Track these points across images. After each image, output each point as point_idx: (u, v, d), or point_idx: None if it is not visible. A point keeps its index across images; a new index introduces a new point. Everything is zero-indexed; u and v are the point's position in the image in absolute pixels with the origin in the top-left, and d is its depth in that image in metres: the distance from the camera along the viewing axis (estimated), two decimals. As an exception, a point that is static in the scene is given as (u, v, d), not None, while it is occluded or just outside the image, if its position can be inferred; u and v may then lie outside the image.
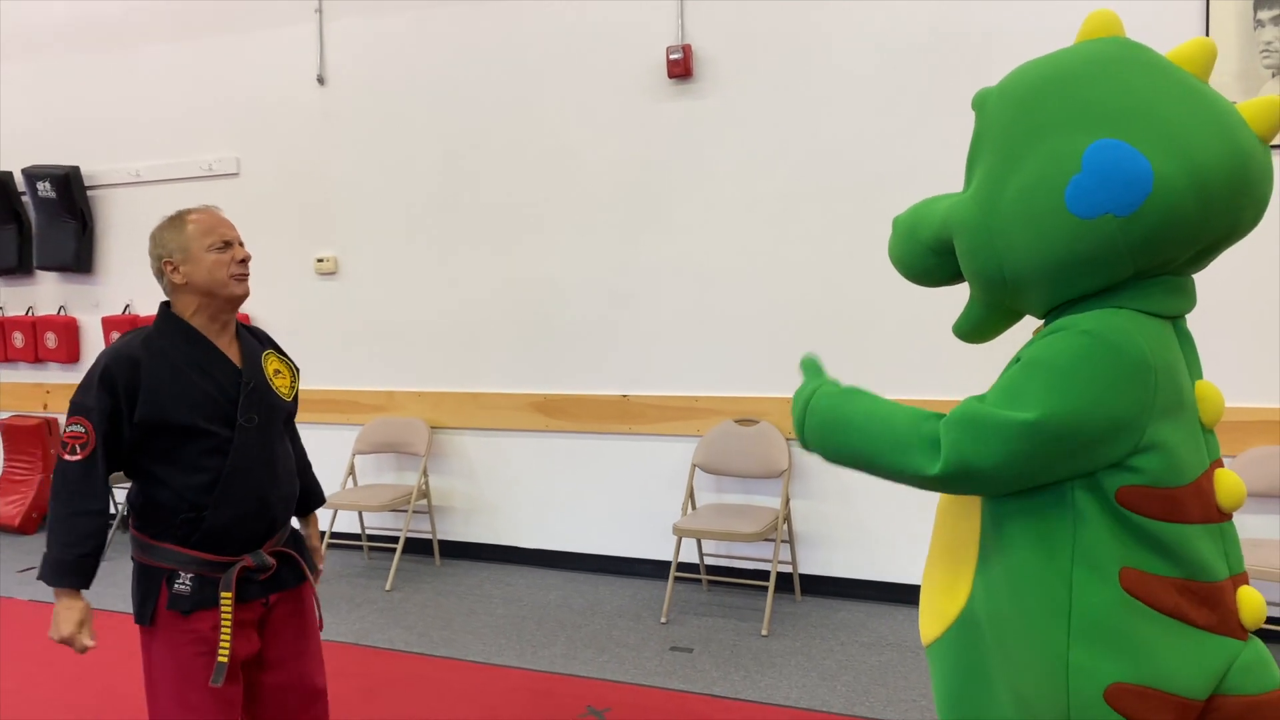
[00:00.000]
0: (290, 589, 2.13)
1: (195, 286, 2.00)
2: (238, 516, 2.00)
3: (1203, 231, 1.28)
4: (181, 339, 2.00)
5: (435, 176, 4.72)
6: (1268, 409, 3.44)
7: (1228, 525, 1.36)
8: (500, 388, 4.67)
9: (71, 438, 1.89)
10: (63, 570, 1.86)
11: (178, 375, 1.96)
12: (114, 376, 1.91)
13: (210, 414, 1.97)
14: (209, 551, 1.98)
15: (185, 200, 5.24)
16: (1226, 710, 1.29)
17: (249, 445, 2.01)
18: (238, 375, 2.04)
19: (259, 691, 2.11)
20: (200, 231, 2.01)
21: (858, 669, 3.39)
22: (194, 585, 1.96)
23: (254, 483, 2.02)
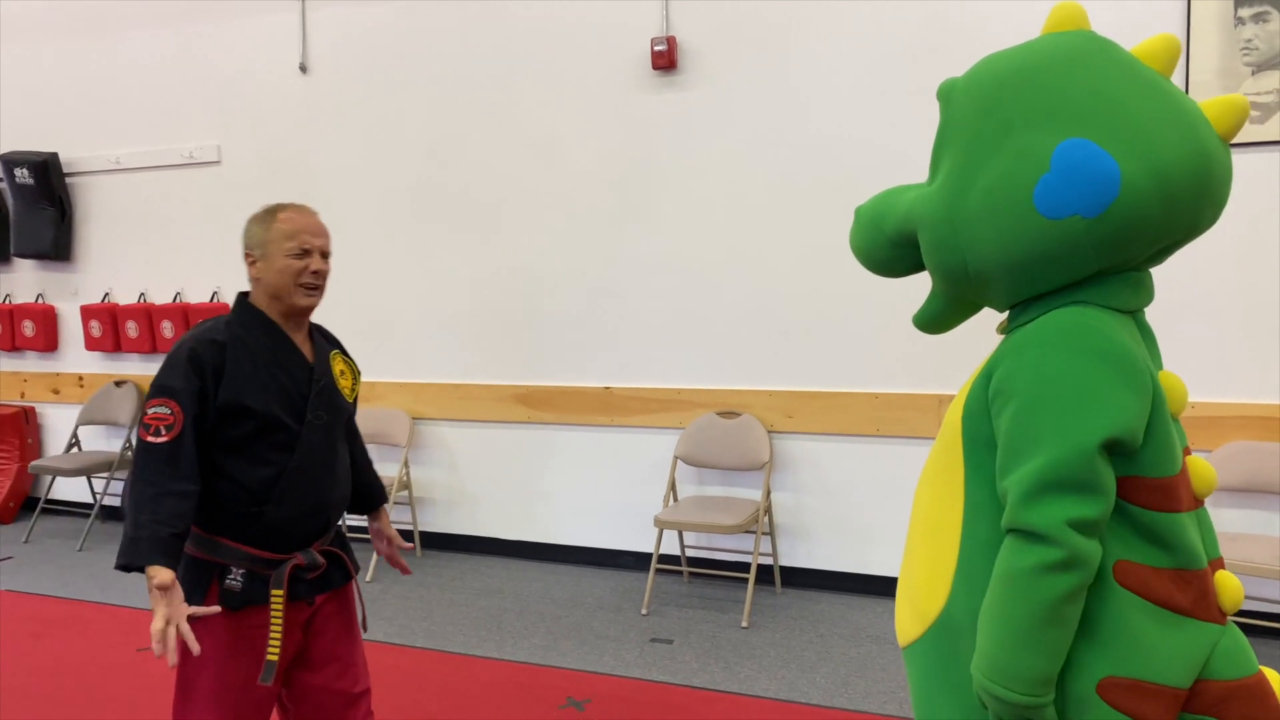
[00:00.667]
0: (336, 589, 2.10)
1: (265, 285, 1.99)
2: (296, 514, 1.98)
3: (1165, 231, 1.29)
4: (260, 330, 1.99)
5: (418, 167, 4.70)
6: (1244, 404, 3.48)
7: (1203, 511, 1.38)
8: (482, 379, 4.66)
9: (155, 419, 1.85)
10: (156, 548, 1.76)
11: (257, 364, 1.95)
12: (201, 358, 1.89)
13: (284, 406, 1.96)
14: (263, 548, 1.96)
15: (165, 188, 5.23)
16: (1207, 695, 1.30)
17: (315, 443, 2.00)
18: (310, 372, 2.03)
19: (303, 691, 2.08)
20: (284, 233, 1.98)
21: (837, 661, 3.41)
22: (245, 581, 1.94)
23: (315, 481, 2.01)
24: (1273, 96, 3.33)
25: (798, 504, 4.16)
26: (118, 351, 5.42)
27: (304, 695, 2.08)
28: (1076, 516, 1.21)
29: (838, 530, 4.11)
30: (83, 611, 4.03)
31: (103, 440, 5.54)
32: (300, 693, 2.08)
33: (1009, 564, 1.25)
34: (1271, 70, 3.32)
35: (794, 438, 4.12)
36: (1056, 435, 1.22)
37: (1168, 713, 1.28)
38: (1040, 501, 1.22)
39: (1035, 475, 1.23)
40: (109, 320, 5.34)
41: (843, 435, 4.04)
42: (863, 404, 3.98)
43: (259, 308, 2.01)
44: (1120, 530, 1.28)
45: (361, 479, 2.31)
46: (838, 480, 4.08)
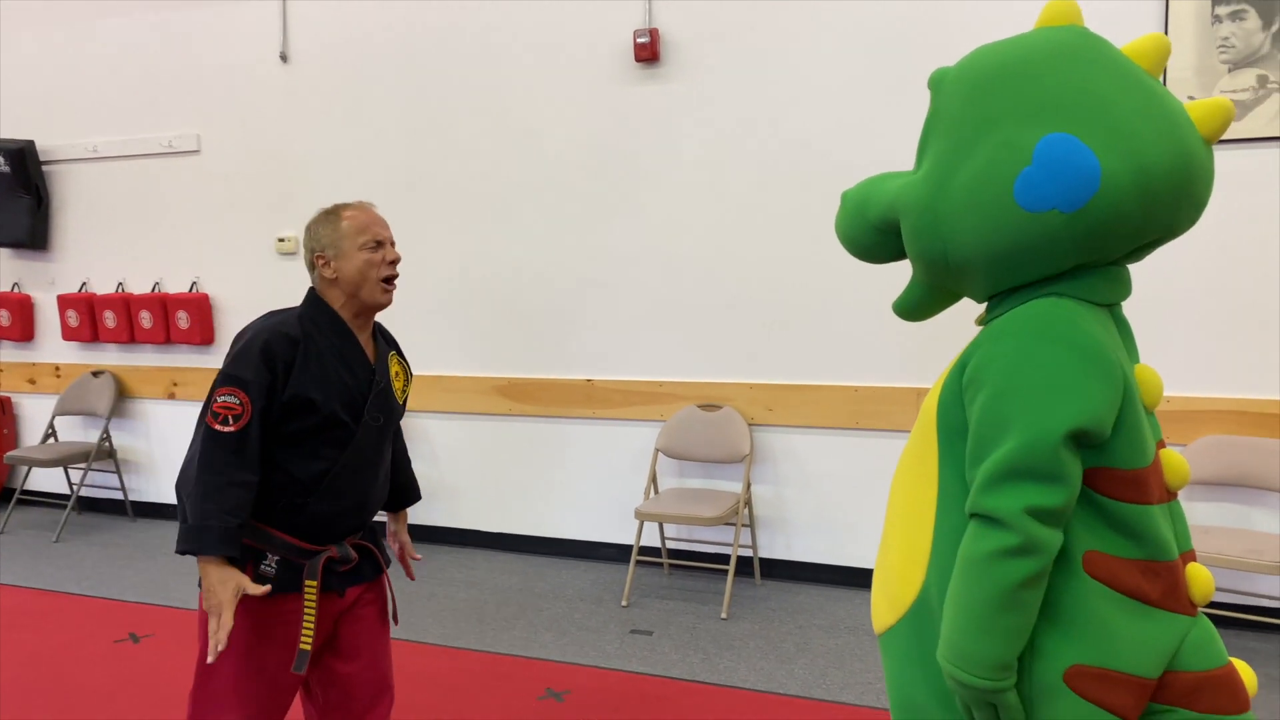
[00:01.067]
0: (368, 582, 2.14)
1: (344, 283, 2.01)
2: (339, 510, 2.01)
3: (1144, 230, 1.30)
4: (329, 328, 2.01)
5: (399, 157, 4.68)
6: (1217, 399, 3.51)
7: (1175, 504, 1.40)
8: (464, 371, 4.65)
9: (224, 408, 1.87)
10: (224, 538, 1.82)
11: (324, 362, 1.97)
12: (275, 352, 1.92)
13: (345, 405, 1.99)
14: (301, 538, 1.99)
15: (144, 177, 5.18)
16: (1176, 686, 1.32)
17: (367, 443, 2.04)
18: (371, 373, 2.06)
19: (333, 678, 2.11)
20: (354, 229, 2.01)
21: (815, 652, 3.43)
22: (279, 569, 1.96)
23: (361, 480, 2.04)
24: (1249, 94, 3.36)
25: (778, 496, 4.18)
26: (95, 341, 5.38)
27: (334, 682, 2.11)
28: (1036, 504, 1.22)
29: (817, 522, 4.13)
30: (59, 603, 4.00)
31: (79, 431, 5.50)
32: (330, 679, 2.11)
33: (968, 549, 1.27)
34: (1248, 68, 3.35)
35: (774, 430, 4.14)
36: (1024, 423, 1.24)
37: (1135, 702, 1.30)
38: (1002, 488, 1.24)
39: (1000, 462, 1.25)
40: (86, 310, 5.30)
41: (822, 428, 4.06)
42: (842, 397, 4.00)
43: (330, 306, 2.04)
44: (1090, 520, 1.30)
45: (400, 478, 2.35)
46: (817, 473, 4.10)
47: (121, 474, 5.38)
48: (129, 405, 5.39)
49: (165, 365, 5.29)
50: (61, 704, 3.07)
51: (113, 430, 5.36)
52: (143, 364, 5.33)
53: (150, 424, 5.36)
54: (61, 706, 3.05)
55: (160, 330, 5.15)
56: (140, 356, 5.35)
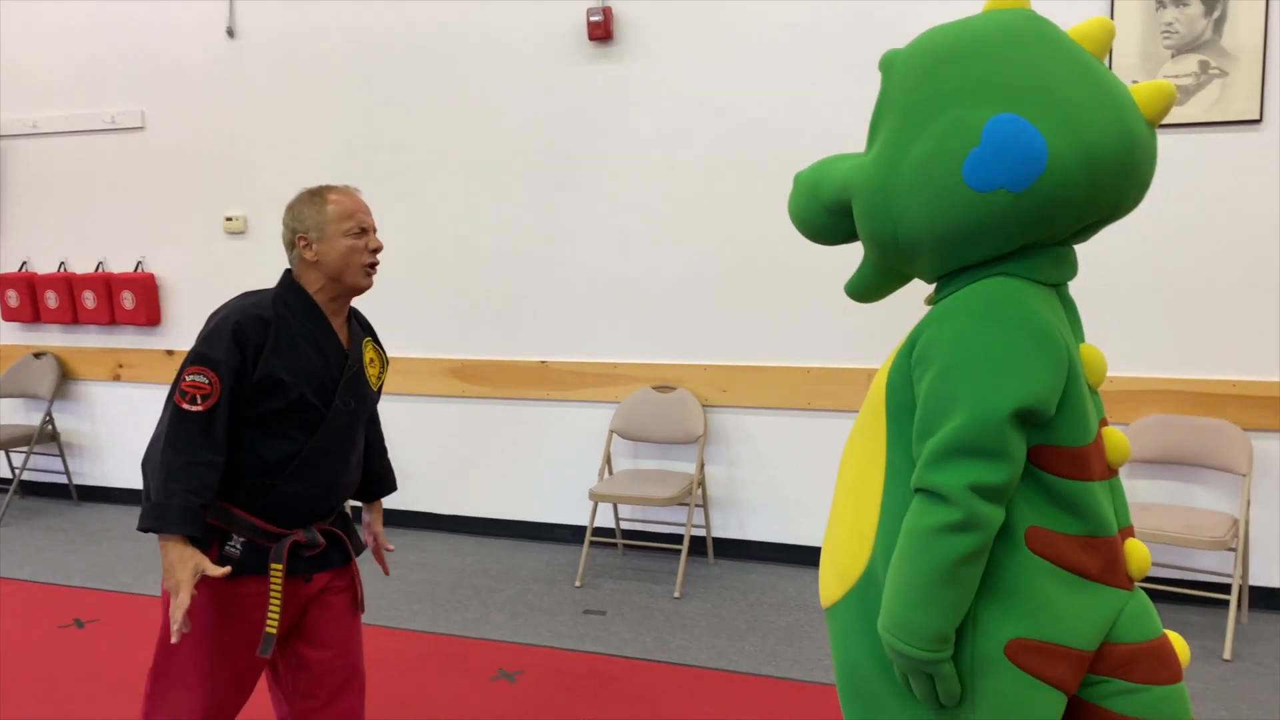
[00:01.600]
0: (336, 568, 2.12)
1: (325, 267, 2.00)
2: (307, 493, 2.00)
3: (1089, 209, 1.32)
4: (302, 311, 2.00)
5: (349, 135, 4.61)
6: (1157, 379, 3.59)
7: (1116, 480, 1.43)
8: (416, 352, 4.61)
9: (193, 387, 1.86)
10: (187, 517, 1.80)
11: (296, 344, 1.96)
12: (246, 333, 1.90)
13: (315, 389, 1.98)
14: (268, 520, 1.97)
15: (86, 154, 5.06)
16: (1113, 658, 1.35)
17: (338, 428, 2.03)
18: (344, 357, 2.05)
19: (303, 665, 2.10)
20: (340, 213, 2.00)
21: (766, 630, 3.46)
22: (244, 550, 1.95)
23: (330, 464, 2.03)
24: (1191, 79, 3.42)
25: (730, 477, 4.20)
26: (36, 322, 5.26)
27: (304, 667, 2.10)
28: (980, 481, 1.24)
29: (769, 502, 4.16)
30: (2, 588, 3.92)
31: (21, 414, 5.38)
32: (300, 664, 2.10)
33: (912, 523, 1.29)
34: (1190, 53, 3.41)
35: (727, 411, 4.16)
36: (970, 401, 1.26)
37: (1073, 674, 1.33)
38: (947, 464, 1.26)
39: (946, 439, 1.26)
40: (27, 290, 5.17)
41: (775, 409, 4.09)
42: (795, 378, 4.03)
43: (305, 289, 2.02)
44: (1033, 497, 1.32)
45: (374, 466, 2.33)
46: (769, 453, 4.13)
47: (65, 457, 5.27)
48: (72, 387, 5.27)
49: (110, 346, 5.18)
50: (5, 690, 3.01)
51: (55, 413, 5.25)
52: (86, 345, 5.22)
53: (94, 406, 5.25)
54: (5, 692, 2.99)
55: (104, 311, 5.04)
56: (84, 337, 5.24)
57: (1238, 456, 3.42)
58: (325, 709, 2.12)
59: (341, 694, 2.13)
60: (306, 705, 2.12)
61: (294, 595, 2.04)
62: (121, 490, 5.24)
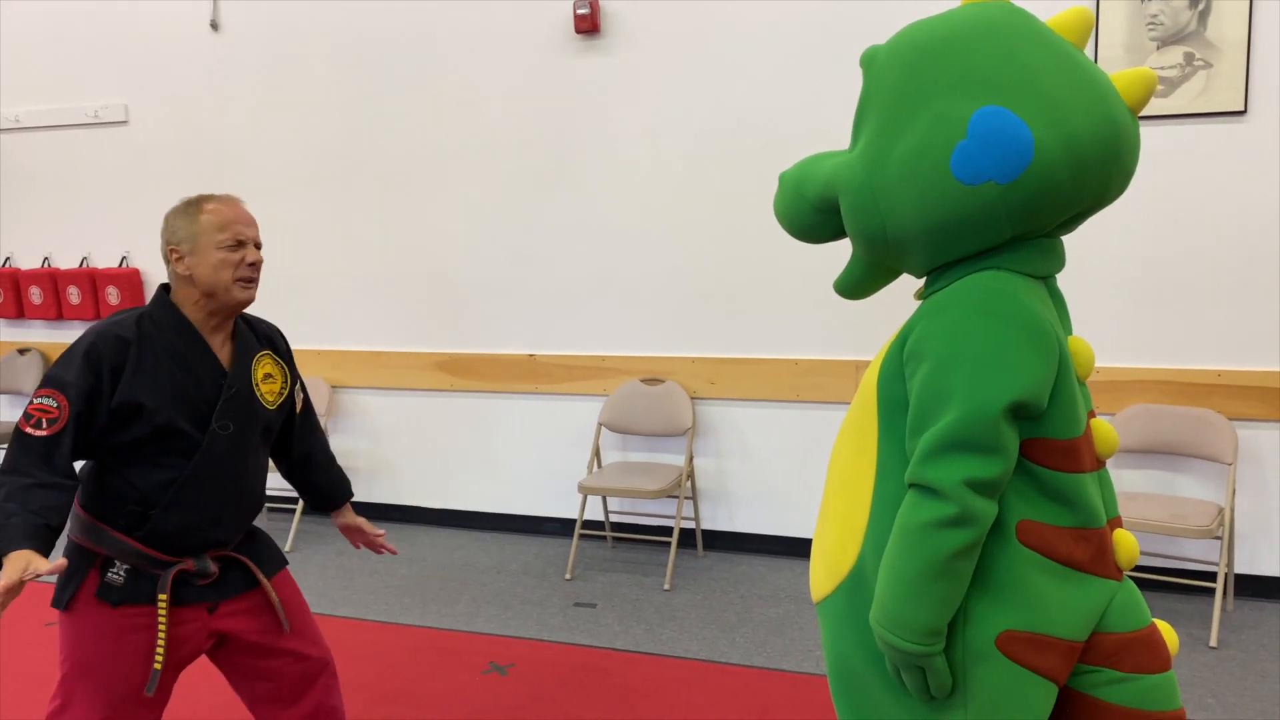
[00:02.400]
0: (243, 592, 2.00)
1: (197, 282, 1.88)
2: (188, 524, 1.89)
3: (1075, 199, 1.33)
4: (172, 329, 1.88)
5: (334, 128, 4.59)
6: (1144, 369, 3.61)
7: (1104, 472, 1.44)
8: (403, 346, 4.60)
9: (39, 410, 1.74)
10: (29, 533, 1.63)
11: (159, 366, 1.84)
12: (100, 354, 1.79)
13: (186, 413, 1.86)
14: (151, 547, 1.87)
15: (69, 148, 5.02)
16: (1102, 648, 1.36)
17: (217, 453, 1.90)
18: (222, 377, 1.92)
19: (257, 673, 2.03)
20: (214, 225, 1.88)
21: (756, 621, 3.48)
22: (128, 577, 1.85)
23: (213, 492, 1.91)
24: (1176, 71, 3.43)
25: (719, 469, 4.21)
26: (20, 318, 5.22)
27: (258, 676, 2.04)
28: (974, 476, 1.25)
29: (758, 494, 4.17)
30: None
31: (6, 410, 5.34)
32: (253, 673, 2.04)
33: (906, 517, 1.29)
34: (1175, 45, 3.43)
35: (716, 404, 4.17)
36: (964, 396, 1.26)
37: (1064, 664, 1.34)
38: (941, 459, 1.26)
39: (940, 434, 1.27)
40: (10, 286, 5.12)
41: (763, 401, 4.09)
42: (782, 370, 4.03)
43: (177, 305, 1.91)
44: (1025, 489, 1.33)
45: (321, 478, 2.24)
46: (758, 445, 4.14)
47: (51, 454, 5.23)
48: (57, 383, 5.23)
49: (95, 342, 5.14)
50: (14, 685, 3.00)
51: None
52: (71, 341, 5.17)
53: (80, 403, 5.21)
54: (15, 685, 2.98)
55: (89, 306, 5.00)
56: (68, 333, 5.20)
57: (1223, 446, 3.44)
58: (291, 709, 2.06)
59: (306, 692, 2.07)
60: (272, 711, 2.07)
61: (198, 625, 1.94)
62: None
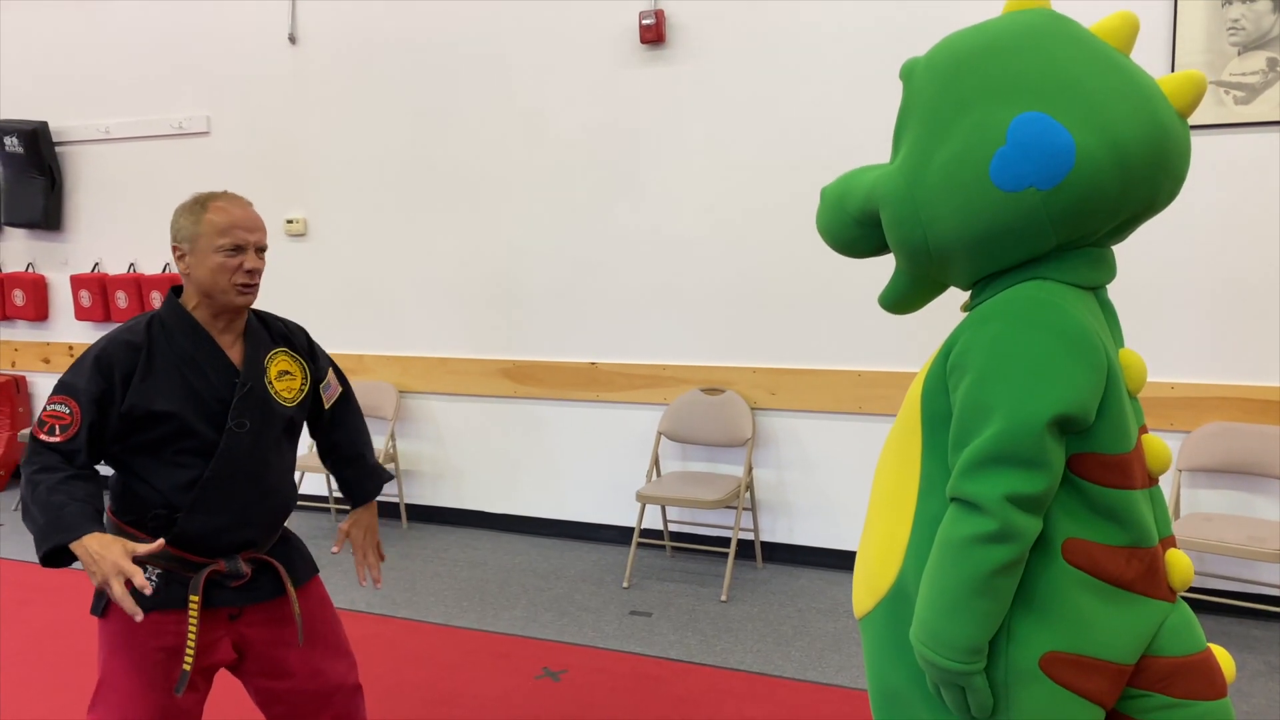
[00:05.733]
0: (267, 600, 1.99)
1: (195, 282, 1.88)
2: (214, 526, 1.88)
3: (1122, 205, 1.29)
4: (181, 330, 1.88)
5: (406, 139, 4.69)
6: (1220, 385, 3.48)
7: (1156, 489, 1.40)
8: (469, 353, 4.67)
9: (52, 417, 1.75)
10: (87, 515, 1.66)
11: (169, 368, 1.85)
12: (111, 360, 1.80)
13: (200, 414, 1.86)
14: (182, 549, 1.87)
15: (155, 158, 5.22)
16: (1153, 671, 1.32)
17: (237, 452, 1.89)
18: (234, 376, 1.91)
19: (273, 697, 2.02)
20: (215, 228, 1.85)
21: (813, 635, 3.44)
22: (160, 582, 1.86)
23: (236, 492, 1.90)
24: (1258, 77, 3.32)
25: (780, 480, 4.18)
26: (107, 321, 5.43)
27: (274, 698, 2.02)
28: (1016, 491, 1.22)
29: (819, 506, 4.13)
30: (69, 578, 4.06)
31: (93, 410, 5.55)
32: (270, 696, 2.02)
33: (946, 532, 1.27)
34: (1258, 50, 3.31)
35: (777, 414, 4.14)
36: (1007, 409, 1.24)
37: (1111, 687, 1.30)
38: (983, 473, 1.24)
39: (982, 447, 1.24)
40: (99, 290, 5.34)
41: (825, 412, 4.05)
42: (845, 381, 3.99)
43: (185, 306, 1.91)
44: (1072, 506, 1.29)
45: (348, 472, 2.21)
46: (820, 457, 4.10)
47: (133, 453, 5.43)
48: (140, 385, 5.42)
49: (176, 345, 5.32)
50: (68, 678, 3.11)
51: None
52: (154, 344, 5.37)
53: (161, 403, 5.40)
54: (67, 680, 3.10)
55: (170, 311, 5.18)
56: (151, 336, 5.38)
57: (1305, 466, 3.31)
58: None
59: (324, 709, 2.05)
60: None
61: (222, 630, 1.94)
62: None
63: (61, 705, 2.93)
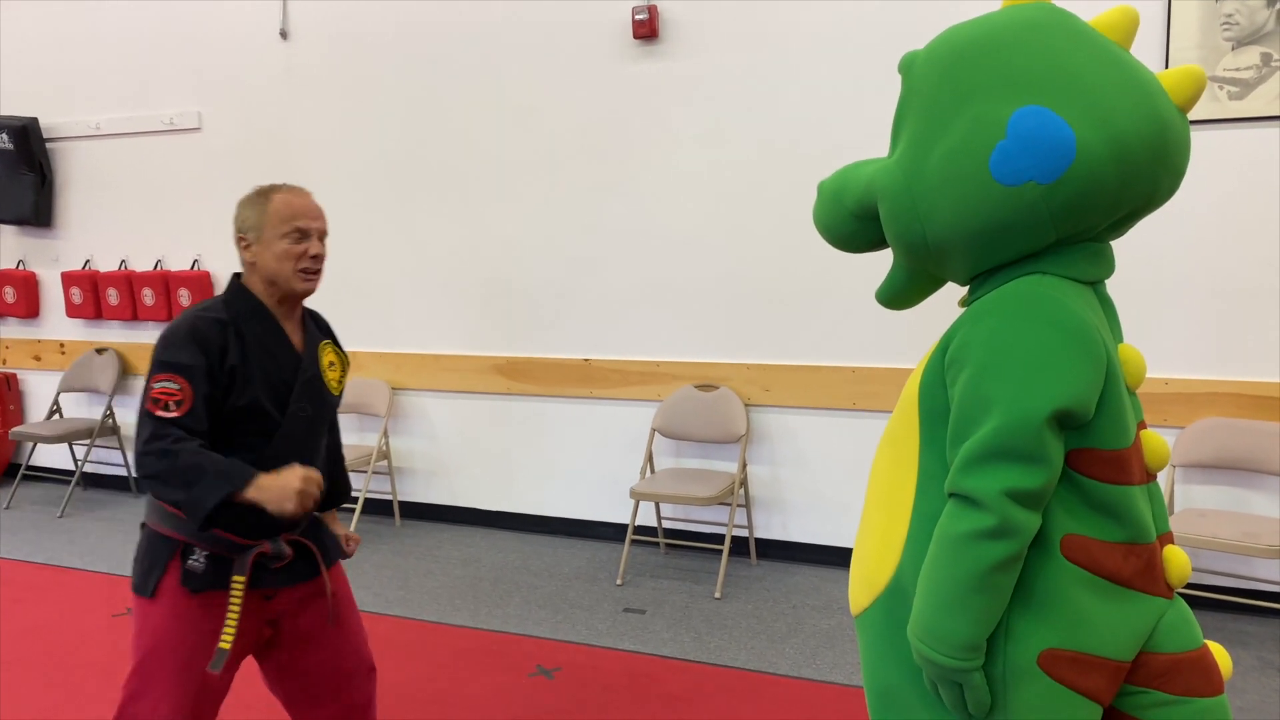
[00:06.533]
0: (304, 582, 2.04)
1: (261, 270, 1.94)
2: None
3: (1122, 199, 1.29)
4: (251, 314, 1.94)
5: (398, 134, 4.67)
6: (1217, 381, 3.48)
7: (1154, 485, 1.39)
8: (462, 350, 4.65)
9: (164, 394, 1.79)
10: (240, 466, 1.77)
11: (247, 349, 1.90)
12: (206, 335, 1.85)
13: (269, 394, 1.92)
14: (230, 531, 1.91)
15: (146, 154, 5.19)
16: (1150, 667, 1.32)
17: (295, 435, 1.96)
18: (297, 361, 1.98)
19: (292, 671, 2.05)
20: (279, 216, 1.91)
21: (807, 632, 3.43)
22: (208, 563, 1.90)
23: None
24: (1252, 72, 3.31)
25: (774, 477, 4.17)
26: (99, 319, 5.41)
27: (293, 674, 2.05)
28: (1015, 486, 1.21)
29: (813, 503, 4.12)
30: (62, 577, 4.04)
31: (84, 407, 5.53)
32: (288, 671, 2.05)
33: (944, 528, 1.26)
34: (1251, 45, 3.31)
35: (771, 411, 4.13)
36: (1006, 403, 1.23)
37: (1109, 684, 1.29)
38: (981, 468, 1.23)
39: (981, 442, 1.23)
40: (90, 287, 5.31)
41: (819, 409, 4.05)
42: (840, 378, 3.98)
43: (253, 292, 1.96)
44: (1070, 502, 1.29)
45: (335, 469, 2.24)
46: (814, 453, 4.09)
47: (125, 450, 5.41)
48: (132, 382, 5.41)
49: (167, 342, 5.30)
50: (59, 676, 3.10)
51: (116, 407, 5.39)
52: (145, 341, 5.35)
53: (153, 401, 5.38)
54: (59, 678, 3.08)
55: (163, 308, 5.16)
56: (143, 334, 5.37)
57: (1299, 462, 3.30)
58: (326, 708, 2.07)
59: (343, 693, 2.07)
60: (307, 710, 2.08)
61: (257, 611, 1.97)
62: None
63: (53, 704, 2.91)
